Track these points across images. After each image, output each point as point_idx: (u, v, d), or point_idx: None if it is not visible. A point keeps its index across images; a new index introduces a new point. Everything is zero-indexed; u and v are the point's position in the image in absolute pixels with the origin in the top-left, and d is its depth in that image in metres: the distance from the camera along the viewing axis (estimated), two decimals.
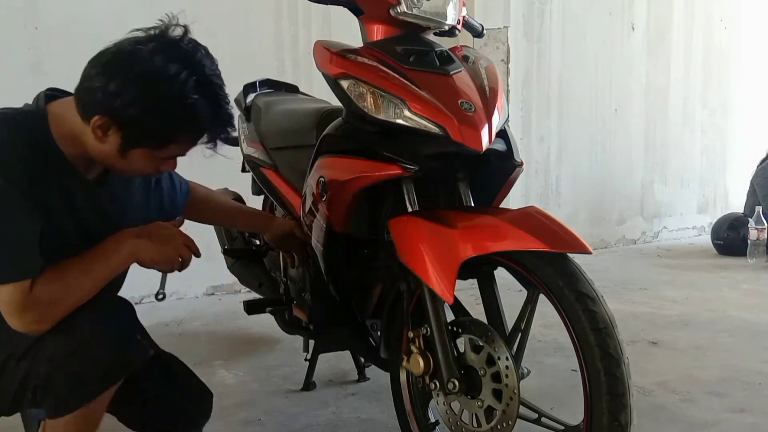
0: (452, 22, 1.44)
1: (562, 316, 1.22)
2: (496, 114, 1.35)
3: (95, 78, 1.17)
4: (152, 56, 1.16)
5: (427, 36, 1.48)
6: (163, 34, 1.20)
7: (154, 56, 1.16)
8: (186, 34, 1.22)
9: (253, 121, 2.06)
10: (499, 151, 1.39)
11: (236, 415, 1.94)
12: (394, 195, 1.45)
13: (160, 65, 1.15)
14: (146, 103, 1.16)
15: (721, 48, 5.69)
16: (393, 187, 1.40)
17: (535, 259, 1.22)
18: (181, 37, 1.21)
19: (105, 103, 1.16)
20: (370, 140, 1.34)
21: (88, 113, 1.18)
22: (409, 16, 1.40)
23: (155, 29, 1.22)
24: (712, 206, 5.77)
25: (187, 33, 1.23)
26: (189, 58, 1.19)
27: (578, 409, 1.98)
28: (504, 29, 4.11)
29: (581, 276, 1.21)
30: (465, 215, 1.29)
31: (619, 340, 1.16)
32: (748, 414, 1.93)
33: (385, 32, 1.44)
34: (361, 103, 1.34)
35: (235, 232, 2.32)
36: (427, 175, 1.37)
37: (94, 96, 1.16)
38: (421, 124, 1.29)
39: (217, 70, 1.24)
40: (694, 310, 3.13)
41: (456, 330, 1.36)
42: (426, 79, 1.34)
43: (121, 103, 1.15)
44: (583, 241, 1.21)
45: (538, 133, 4.60)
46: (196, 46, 1.22)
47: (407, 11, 1.40)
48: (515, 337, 1.38)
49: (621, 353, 1.15)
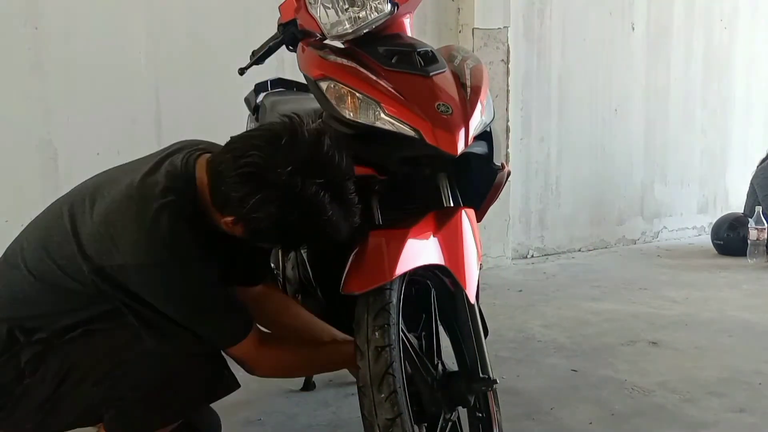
0: (386, 10, 1.41)
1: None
2: (477, 116, 1.34)
3: (231, 185, 1.19)
4: (291, 177, 1.16)
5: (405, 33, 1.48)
6: (296, 139, 1.19)
7: (293, 176, 1.16)
8: (323, 137, 1.21)
9: (260, 120, 2.07)
10: (478, 154, 1.39)
11: (236, 415, 1.94)
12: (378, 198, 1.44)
13: (299, 186, 1.16)
14: (281, 223, 1.19)
15: (721, 48, 5.69)
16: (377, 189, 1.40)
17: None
18: (318, 144, 1.20)
19: (239, 211, 1.20)
20: (346, 142, 1.33)
21: (221, 210, 1.23)
22: (344, 35, 1.42)
23: (291, 129, 1.20)
24: (712, 206, 5.76)
25: (324, 135, 1.22)
26: (327, 170, 1.19)
27: (578, 409, 1.98)
28: (504, 29, 4.10)
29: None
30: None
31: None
32: (748, 414, 1.93)
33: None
34: (338, 105, 1.33)
35: None
36: (410, 176, 1.37)
37: (229, 200, 1.20)
38: (395, 126, 1.29)
39: (350, 172, 1.24)
40: (694, 310, 3.13)
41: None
42: (404, 81, 1.33)
43: (255, 218, 1.19)
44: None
45: (538, 133, 4.59)
46: (332, 152, 1.20)
47: (338, 33, 1.42)
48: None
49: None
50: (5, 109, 2.88)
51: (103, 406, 1.26)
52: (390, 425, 1.15)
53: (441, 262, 1.27)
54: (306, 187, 1.16)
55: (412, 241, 1.25)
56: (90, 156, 3.01)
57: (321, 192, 1.17)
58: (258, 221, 1.19)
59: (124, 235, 1.19)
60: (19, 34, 2.95)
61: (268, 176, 1.16)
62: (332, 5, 1.41)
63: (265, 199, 1.16)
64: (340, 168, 1.20)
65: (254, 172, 1.17)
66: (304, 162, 1.17)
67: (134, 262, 1.19)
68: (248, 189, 1.17)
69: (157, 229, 1.19)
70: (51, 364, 1.26)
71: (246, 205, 1.17)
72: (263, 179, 1.16)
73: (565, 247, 4.74)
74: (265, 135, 1.21)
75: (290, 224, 1.19)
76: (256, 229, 1.21)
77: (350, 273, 1.27)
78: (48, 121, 3.00)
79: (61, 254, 1.24)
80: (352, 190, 1.23)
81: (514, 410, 1.94)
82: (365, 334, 1.21)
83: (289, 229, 1.21)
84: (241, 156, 1.18)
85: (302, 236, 1.27)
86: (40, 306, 1.28)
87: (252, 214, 1.18)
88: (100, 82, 3.10)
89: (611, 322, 2.94)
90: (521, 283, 3.75)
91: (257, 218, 1.18)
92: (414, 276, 1.33)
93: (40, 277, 1.27)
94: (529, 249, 4.61)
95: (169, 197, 1.21)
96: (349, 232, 1.25)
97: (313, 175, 1.17)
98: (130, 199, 1.22)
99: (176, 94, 3.27)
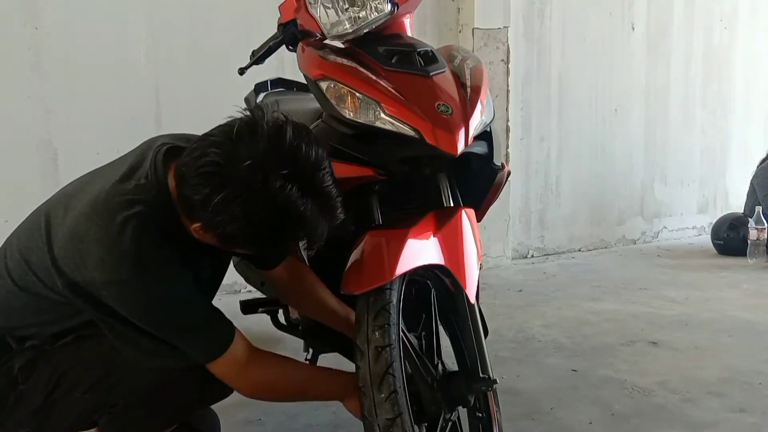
0: (386, 10, 1.41)
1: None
2: (477, 115, 1.34)
3: (192, 187, 1.12)
4: (251, 171, 1.07)
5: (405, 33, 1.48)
6: (256, 132, 1.10)
7: (253, 171, 1.07)
8: (285, 126, 1.12)
9: None
10: (478, 154, 1.39)
11: (236, 415, 1.94)
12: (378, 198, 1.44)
13: (260, 180, 1.07)
14: (249, 224, 1.11)
15: (721, 48, 5.69)
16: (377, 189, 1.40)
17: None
18: (279, 135, 1.10)
19: (203, 215, 1.12)
20: (346, 142, 1.33)
21: (189, 217, 1.16)
22: (344, 35, 1.42)
23: (249, 122, 1.12)
24: (712, 206, 5.76)
25: (287, 124, 1.12)
26: (290, 161, 1.09)
27: (578, 409, 1.98)
28: (504, 29, 4.10)
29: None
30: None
31: None
32: (748, 414, 1.93)
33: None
34: (338, 105, 1.33)
35: None
36: (410, 176, 1.37)
37: (193, 204, 1.13)
38: (395, 126, 1.29)
39: (320, 162, 1.13)
40: (694, 310, 3.13)
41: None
42: (404, 81, 1.33)
43: (221, 221, 1.11)
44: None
45: (538, 133, 4.59)
46: (297, 142, 1.11)
47: (338, 33, 1.41)
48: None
49: None
50: (5, 109, 2.88)
51: (96, 412, 1.25)
52: (390, 425, 1.15)
53: (441, 262, 1.27)
54: (269, 182, 1.07)
55: (412, 241, 1.25)
56: (90, 156, 2.99)
57: (287, 185, 1.07)
58: (224, 224, 1.11)
59: (90, 250, 1.13)
60: (19, 34, 2.95)
61: (227, 173, 1.08)
62: (332, 5, 1.41)
63: (227, 198, 1.07)
64: (307, 158, 1.10)
65: (213, 171, 1.09)
66: (264, 154, 1.08)
67: (101, 279, 1.13)
68: (209, 189, 1.09)
69: (120, 243, 1.12)
70: (43, 371, 1.24)
71: (208, 207, 1.09)
72: (223, 177, 1.08)
73: (565, 247, 4.75)
74: (224, 130, 1.12)
75: (259, 225, 1.11)
76: (224, 234, 1.13)
77: (350, 273, 1.27)
78: (48, 121, 3.00)
79: (40, 266, 1.20)
80: (328, 182, 1.13)
81: (514, 410, 1.94)
82: (365, 334, 1.21)
83: (259, 230, 1.12)
84: (200, 156, 1.11)
85: (276, 238, 1.15)
86: (27, 316, 1.25)
87: (216, 217, 1.10)
88: (100, 82, 3.10)
89: (611, 322, 2.94)
90: (521, 283, 3.75)
91: (222, 221, 1.10)
92: (414, 276, 1.33)
93: (24, 287, 1.23)
94: (529, 249, 4.61)
95: (135, 209, 1.14)
96: (329, 227, 1.17)
97: (276, 167, 1.07)
98: (95, 211, 1.15)
99: (176, 94, 3.27)
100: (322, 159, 1.13)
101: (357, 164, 1.31)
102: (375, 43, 1.41)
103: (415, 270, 1.27)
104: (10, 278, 1.25)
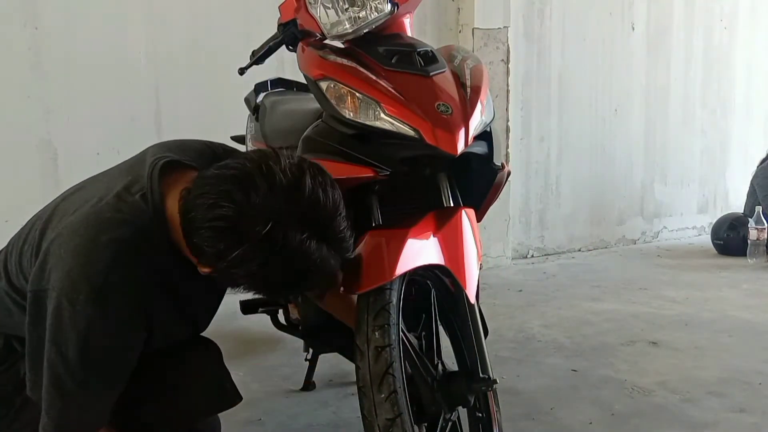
0: (386, 10, 1.41)
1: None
2: (477, 115, 1.34)
3: (204, 238, 1.07)
4: (271, 232, 1.02)
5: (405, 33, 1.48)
6: (273, 185, 1.04)
7: (273, 231, 1.02)
8: (303, 177, 1.06)
9: (260, 120, 2.07)
10: (478, 154, 1.39)
11: (236, 415, 1.94)
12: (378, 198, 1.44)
13: (280, 240, 1.03)
14: (263, 279, 1.09)
15: (721, 48, 5.69)
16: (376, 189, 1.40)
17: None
18: (298, 189, 1.05)
19: (215, 264, 1.08)
20: (346, 142, 1.33)
21: (197, 258, 1.12)
22: (344, 35, 1.42)
23: (265, 173, 1.05)
24: (712, 206, 5.76)
25: (305, 175, 1.07)
26: (310, 216, 1.06)
27: (578, 409, 1.98)
28: (504, 29, 4.10)
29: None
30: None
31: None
32: (748, 414, 1.93)
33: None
34: (338, 104, 1.33)
35: None
36: (410, 176, 1.37)
37: (204, 253, 1.08)
38: (395, 126, 1.29)
39: (338, 208, 1.10)
40: (694, 310, 3.13)
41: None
42: (404, 81, 1.33)
43: (235, 273, 1.08)
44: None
45: (538, 133, 4.59)
46: (316, 194, 1.06)
47: (338, 33, 1.42)
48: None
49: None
50: (5, 109, 2.89)
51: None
52: (390, 425, 1.15)
53: (441, 262, 1.27)
54: (288, 240, 1.04)
55: (412, 241, 1.25)
56: (90, 156, 3.01)
57: (306, 241, 1.05)
58: (238, 277, 1.09)
59: (63, 258, 1.08)
60: (19, 34, 2.95)
61: (243, 231, 1.03)
62: (332, 5, 1.41)
63: (245, 257, 1.04)
64: (325, 208, 1.07)
65: (228, 227, 1.04)
66: (284, 213, 1.04)
67: (56, 286, 1.07)
68: (223, 246, 1.05)
69: (94, 264, 1.05)
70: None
71: (224, 260, 1.05)
72: (239, 235, 1.03)
73: (565, 247, 4.75)
74: (237, 178, 1.06)
75: (275, 280, 1.10)
76: (235, 282, 1.12)
77: (350, 273, 1.27)
78: (48, 121, 3.00)
79: (30, 269, 1.15)
80: (343, 227, 1.11)
81: (514, 410, 1.94)
82: (365, 334, 1.21)
83: (274, 284, 1.11)
84: (213, 205, 1.05)
85: (286, 285, 1.13)
86: (24, 318, 1.21)
87: (231, 270, 1.07)
88: (100, 82, 3.10)
89: (611, 322, 2.94)
90: (521, 283, 3.75)
91: (236, 274, 1.08)
92: (414, 276, 1.33)
93: (20, 290, 1.20)
94: (529, 249, 4.61)
95: (124, 232, 1.09)
96: (339, 266, 1.16)
97: (295, 225, 1.04)
98: (86, 222, 1.11)
99: (176, 93, 3.27)
100: (338, 204, 1.10)
101: (357, 164, 1.31)
102: (375, 43, 1.41)
103: (415, 270, 1.27)
104: (8, 280, 1.24)
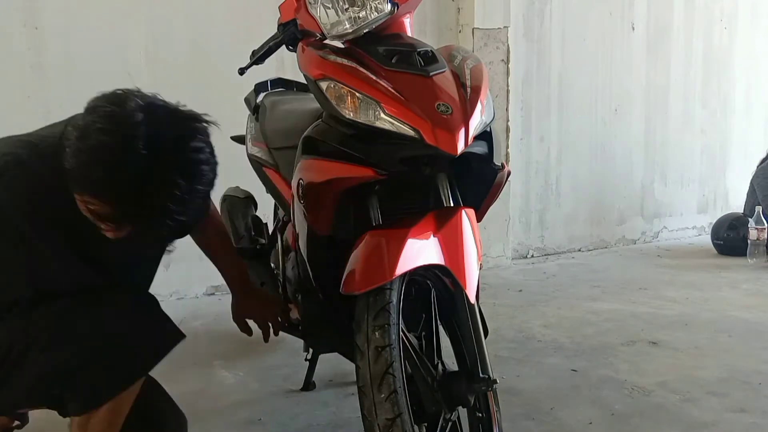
0: (386, 10, 1.42)
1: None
2: (477, 115, 1.34)
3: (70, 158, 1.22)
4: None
5: (405, 33, 1.48)
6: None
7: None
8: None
9: (260, 120, 2.07)
10: (478, 154, 1.39)
11: (236, 415, 1.94)
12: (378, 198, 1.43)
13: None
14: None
15: (721, 48, 5.69)
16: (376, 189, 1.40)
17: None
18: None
19: (74, 176, 1.21)
20: (346, 142, 1.33)
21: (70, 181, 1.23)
22: (344, 35, 1.42)
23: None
24: (712, 206, 5.76)
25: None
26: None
27: (578, 409, 1.98)
28: (504, 29, 4.10)
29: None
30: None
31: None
32: (748, 414, 1.93)
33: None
34: (338, 104, 1.33)
35: (242, 230, 2.33)
36: (410, 176, 1.37)
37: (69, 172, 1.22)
38: (395, 126, 1.29)
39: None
40: (694, 310, 3.13)
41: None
42: (404, 81, 1.33)
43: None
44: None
45: (538, 133, 4.59)
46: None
47: (338, 33, 1.42)
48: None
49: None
50: (5, 109, 2.88)
51: (53, 382, 1.23)
52: (390, 425, 1.15)
53: (441, 262, 1.27)
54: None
55: (412, 241, 1.25)
56: None
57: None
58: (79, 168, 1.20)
59: None
60: (19, 34, 2.95)
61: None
62: (332, 5, 1.41)
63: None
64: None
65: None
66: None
67: None
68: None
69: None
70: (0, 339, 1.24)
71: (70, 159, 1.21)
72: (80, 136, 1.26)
73: (565, 247, 4.75)
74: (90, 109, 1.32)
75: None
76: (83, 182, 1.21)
77: (350, 273, 1.27)
78: (48, 121, 2.98)
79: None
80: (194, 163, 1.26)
81: (514, 410, 1.94)
82: (365, 334, 1.21)
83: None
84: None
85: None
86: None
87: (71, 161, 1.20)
88: (100, 82, 3.05)
89: (611, 322, 2.94)
90: (521, 283, 3.75)
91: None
92: (414, 276, 1.33)
93: None
94: (529, 249, 4.61)
95: (23, 152, 1.29)
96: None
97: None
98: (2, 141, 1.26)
99: (176, 94, 3.24)
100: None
101: (357, 164, 1.31)
102: (375, 43, 1.41)
103: (415, 270, 1.27)
104: None
